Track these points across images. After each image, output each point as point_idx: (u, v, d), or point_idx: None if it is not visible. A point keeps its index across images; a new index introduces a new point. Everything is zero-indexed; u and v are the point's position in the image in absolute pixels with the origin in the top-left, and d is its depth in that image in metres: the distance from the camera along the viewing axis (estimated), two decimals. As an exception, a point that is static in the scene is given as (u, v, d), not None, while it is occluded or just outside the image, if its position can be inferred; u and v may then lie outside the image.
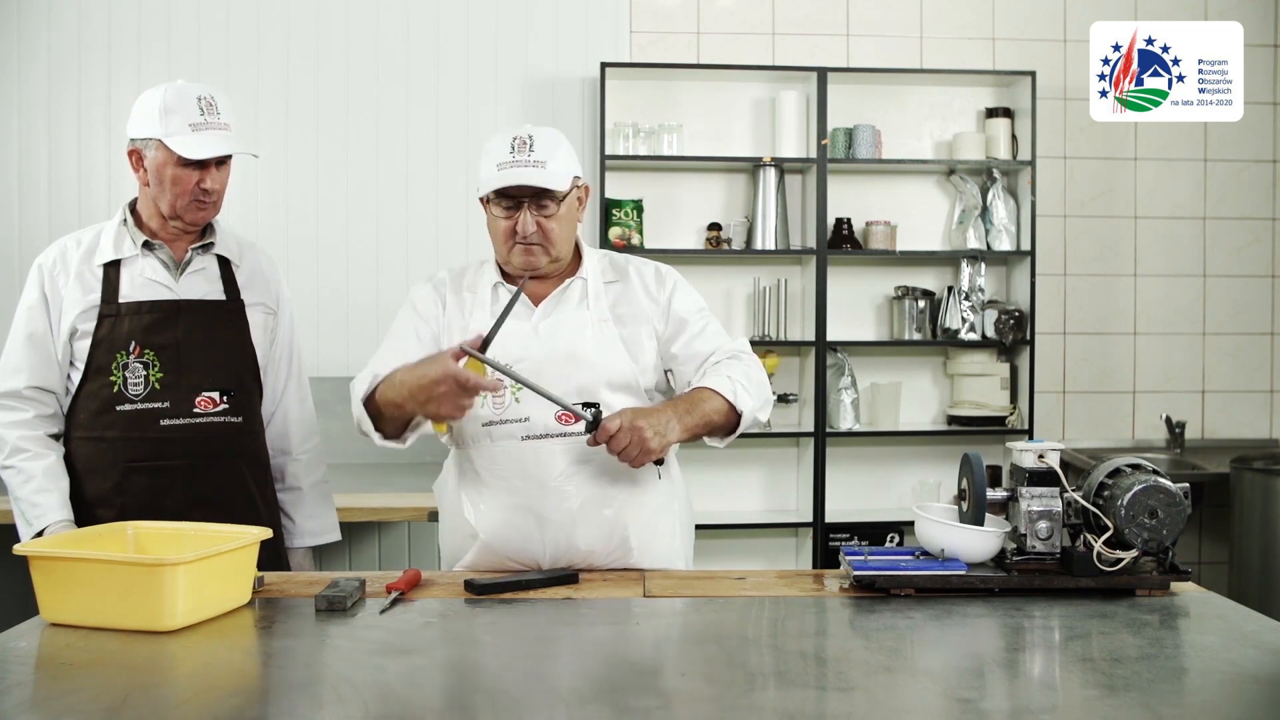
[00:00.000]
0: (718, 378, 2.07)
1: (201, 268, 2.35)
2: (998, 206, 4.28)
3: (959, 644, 1.71)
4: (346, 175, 4.23)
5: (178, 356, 2.26)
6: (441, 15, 4.26)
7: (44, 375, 2.28)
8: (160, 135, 2.20)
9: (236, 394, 2.33)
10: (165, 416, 2.26)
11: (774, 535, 4.37)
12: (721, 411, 2.05)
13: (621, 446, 1.91)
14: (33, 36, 4.12)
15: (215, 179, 2.27)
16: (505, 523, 2.08)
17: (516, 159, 2.05)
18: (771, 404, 2.17)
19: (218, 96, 2.26)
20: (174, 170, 2.22)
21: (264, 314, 2.42)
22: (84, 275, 2.28)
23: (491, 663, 1.61)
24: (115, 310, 2.26)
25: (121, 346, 2.24)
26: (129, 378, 2.24)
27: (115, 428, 2.25)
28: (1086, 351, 4.49)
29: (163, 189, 2.25)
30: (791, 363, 4.34)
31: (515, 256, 2.11)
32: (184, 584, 1.66)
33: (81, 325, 2.26)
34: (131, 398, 2.25)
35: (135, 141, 2.26)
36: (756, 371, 2.14)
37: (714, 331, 2.19)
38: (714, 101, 4.32)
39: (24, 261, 4.09)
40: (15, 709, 1.36)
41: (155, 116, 2.21)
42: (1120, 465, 1.93)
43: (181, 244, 2.34)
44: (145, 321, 2.26)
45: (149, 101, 2.24)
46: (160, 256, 2.31)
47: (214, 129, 2.23)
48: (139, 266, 2.29)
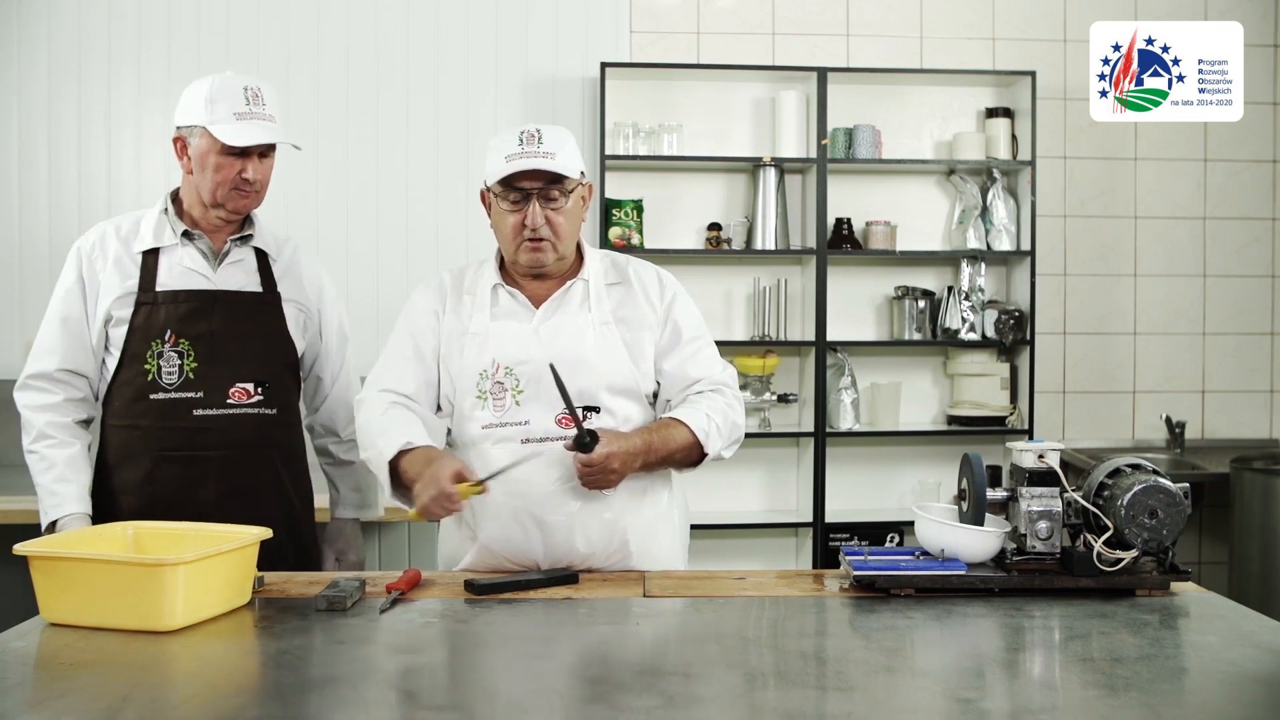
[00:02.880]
0: (696, 414, 2.10)
1: (239, 259, 2.35)
2: (998, 206, 4.28)
3: (959, 644, 1.71)
4: (346, 175, 4.23)
5: (212, 346, 2.26)
6: (441, 15, 4.26)
7: (76, 359, 2.29)
8: (205, 123, 2.22)
9: (271, 386, 2.32)
10: (198, 406, 2.25)
11: (774, 535, 4.37)
12: (689, 448, 2.10)
13: (590, 477, 1.98)
14: (33, 37, 4.11)
15: (258, 169, 2.27)
16: (504, 525, 2.08)
17: (526, 150, 2.06)
18: (739, 443, 2.21)
19: (264, 88, 2.27)
20: (217, 158, 2.23)
21: (298, 311, 2.41)
22: (123, 262, 2.29)
23: (491, 663, 1.61)
24: (152, 298, 2.26)
25: (157, 335, 2.25)
26: (163, 366, 2.25)
27: (148, 416, 2.25)
28: (1086, 351, 4.49)
29: (205, 176, 2.25)
30: (791, 363, 4.34)
31: (522, 255, 2.11)
32: (184, 584, 1.66)
33: (118, 312, 2.26)
34: (165, 386, 2.25)
35: (181, 129, 2.27)
36: (735, 411, 2.17)
37: (706, 358, 2.19)
38: (714, 101, 4.32)
39: (24, 262, 4.11)
40: (15, 709, 1.36)
41: (201, 104, 2.22)
42: (1120, 465, 1.93)
43: (221, 235, 2.34)
44: (181, 310, 2.26)
45: (196, 90, 2.25)
46: (199, 246, 2.32)
47: (258, 119, 2.24)
48: (177, 255, 2.30)
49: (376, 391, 2.15)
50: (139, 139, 4.15)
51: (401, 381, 2.14)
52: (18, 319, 4.10)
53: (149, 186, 4.15)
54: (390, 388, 2.14)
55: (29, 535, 1.88)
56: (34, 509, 3.13)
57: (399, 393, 2.13)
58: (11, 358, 4.08)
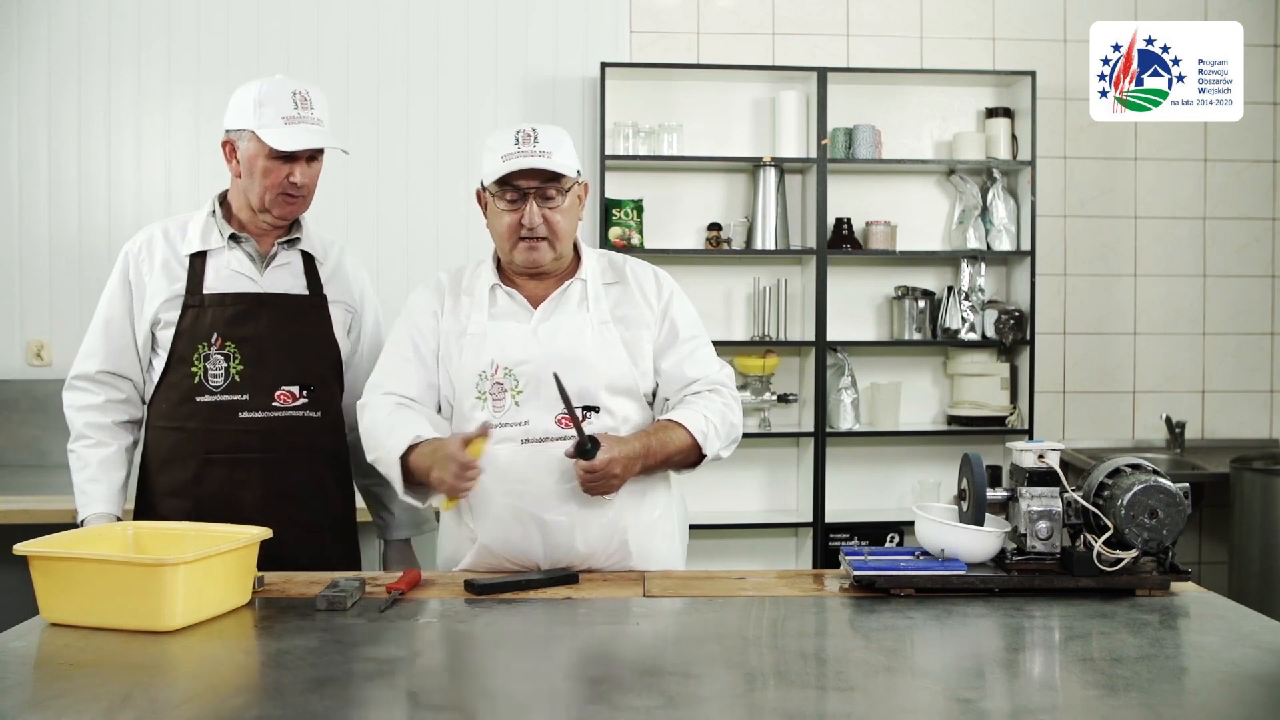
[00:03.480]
0: (694, 415, 2.10)
1: (286, 262, 2.35)
2: (998, 206, 4.28)
3: (959, 644, 1.71)
4: (346, 175, 4.22)
5: (259, 349, 2.26)
6: (441, 15, 4.26)
7: (118, 361, 2.30)
8: (253, 127, 2.21)
9: (317, 389, 2.32)
10: (244, 409, 2.25)
11: (774, 535, 4.37)
12: (687, 450, 2.10)
13: (593, 483, 1.99)
14: (33, 37, 4.11)
15: (305, 174, 2.27)
16: (504, 525, 2.07)
17: (522, 149, 2.06)
18: (737, 443, 2.22)
19: (313, 92, 2.26)
20: (265, 162, 2.23)
21: (345, 312, 2.41)
22: (170, 265, 2.29)
23: (491, 663, 1.61)
24: (199, 301, 2.27)
25: (203, 338, 2.25)
26: (210, 369, 2.25)
27: (195, 419, 2.25)
28: (1086, 351, 4.49)
29: (253, 181, 2.26)
30: (791, 363, 4.34)
31: (519, 254, 2.11)
32: (184, 584, 1.66)
33: (165, 315, 2.27)
34: (212, 389, 2.25)
35: (230, 133, 2.27)
36: (732, 411, 2.17)
37: (703, 358, 2.19)
38: (714, 101, 4.32)
39: (24, 262, 4.11)
40: (15, 709, 1.36)
41: (250, 108, 2.22)
42: (1120, 465, 1.93)
43: (268, 238, 2.34)
44: (228, 314, 2.26)
45: (245, 94, 2.25)
46: (246, 249, 2.32)
47: (306, 123, 2.24)
48: (224, 258, 2.30)
49: (380, 395, 2.14)
50: (139, 139, 4.16)
51: (404, 384, 2.14)
52: (18, 319, 4.10)
53: (149, 186, 4.16)
54: (393, 390, 2.14)
55: (29, 535, 1.88)
56: (36, 508, 3.20)
57: (403, 395, 2.13)
58: (11, 358, 4.08)
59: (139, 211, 4.10)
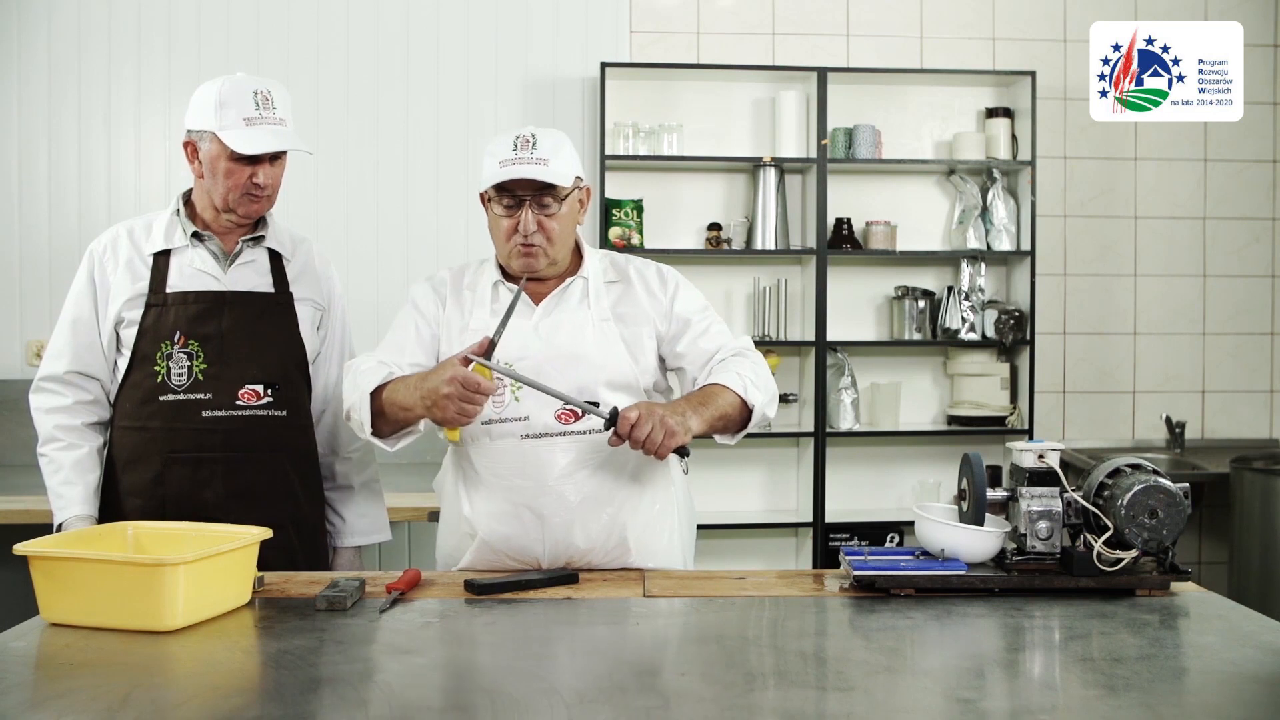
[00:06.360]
0: (727, 374, 2.07)
1: (251, 260, 2.34)
2: (998, 206, 4.28)
3: (959, 644, 1.71)
4: (346, 175, 4.23)
5: (222, 348, 2.26)
6: (441, 15, 4.26)
7: (86, 360, 2.29)
8: (214, 128, 2.20)
9: (282, 388, 2.31)
10: (207, 408, 2.24)
11: (774, 535, 4.37)
12: (735, 405, 2.05)
13: (645, 434, 1.88)
14: (33, 37, 4.12)
15: (268, 174, 2.26)
16: (504, 522, 2.08)
17: (519, 156, 2.05)
18: (777, 400, 2.17)
19: (275, 91, 2.24)
20: (227, 164, 2.22)
21: (313, 309, 2.40)
22: (134, 264, 2.28)
23: (491, 663, 1.61)
24: (162, 300, 2.26)
25: (166, 336, 2.24)
26: (173, 368, 2.24)
27: (158, 418, 2.24)
28: (1086, 351, 4.49)
29: (216, 181, 2.25)
30: (791, 363, 4.34)
31: (515, 259, 2.11)
32: (184, 584, 1.66)
33: (128, 314, 2.26)
34: (175, 388, 2.24)
35: (191, 133, 2.26)
36: (762, 368, 2.14)
37: (718, 330, 2.19)
38: (714, 101, 4.32)
39: (24, 262, 4.11)
40: (15, 709, 1.36)
41: (211, 109, 2.21)
42: (1120, 465, 1.93)
43: (232, 236, 2.33)
44: (190, 312, 2.25)
45: (206, 94, 2.23)
46: (210, 248, 2.31)
47: (268, 124, 2.22)
48: (187, 257, 2.29)
49: (374, 363, 2.10)
50: (139, 139, 4.16)
51: (399, 355, 2.11)
52: (18, 319, 4.10)
53: (149, 186, 4.16)
54: (387, 360, 2.11)
55: (29, 535, 1.88)
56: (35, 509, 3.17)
57: (395, 364, 2.10)
58: (11, 358, 4.08)
59: (139, 211, 4.08)
